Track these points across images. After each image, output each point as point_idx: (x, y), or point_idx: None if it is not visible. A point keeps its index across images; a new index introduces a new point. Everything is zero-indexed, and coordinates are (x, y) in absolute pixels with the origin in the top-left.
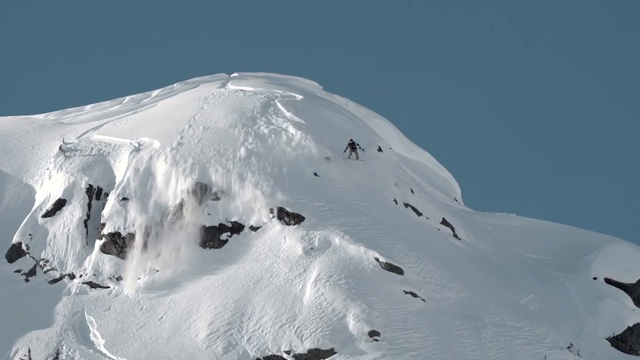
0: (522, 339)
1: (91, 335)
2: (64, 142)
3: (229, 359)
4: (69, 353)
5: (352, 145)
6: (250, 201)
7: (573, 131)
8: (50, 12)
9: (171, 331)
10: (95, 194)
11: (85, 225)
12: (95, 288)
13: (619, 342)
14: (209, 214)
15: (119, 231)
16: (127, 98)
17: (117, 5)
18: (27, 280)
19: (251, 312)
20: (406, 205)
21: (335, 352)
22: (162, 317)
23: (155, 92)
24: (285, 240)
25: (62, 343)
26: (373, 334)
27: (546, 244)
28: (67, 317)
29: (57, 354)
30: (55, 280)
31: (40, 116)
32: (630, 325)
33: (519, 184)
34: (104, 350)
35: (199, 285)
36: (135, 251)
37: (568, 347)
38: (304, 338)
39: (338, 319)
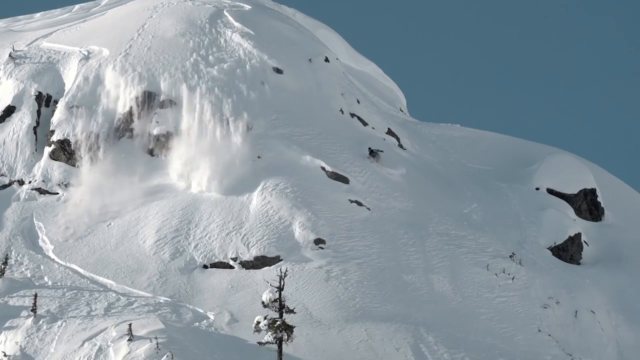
0: (465, 248)
1: (40, 240)
2: (13, 50)
3: (176, 265)
4: (18, 258)
5: (372, 152)
6: (198, 110)
7: (517, 42)
8: None
9: (119, 237)
10: (45, 101)
11: (35, 132)
12: (44, 194)
13: (560, 251)
14: (157, 122)
15: (68, 138)
16: (77, 6)
17: None
18: None
19: (198, 219)
20: (352, 115)
21: (281, 260)
22: (110, 224)
23: (105, 1)
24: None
25: (11, 248)
26: (318, 242)
27: (490, 155)
28: (16, 222)
29: (6, 259)
30: (4, 186)
31: None
32: (572, 234)
33: (464, 95)
34: (52, 256)
35: (147, 192)
36: (83, 158)
37: (510, 256)
38: (250, 245)
39: (284, 227)
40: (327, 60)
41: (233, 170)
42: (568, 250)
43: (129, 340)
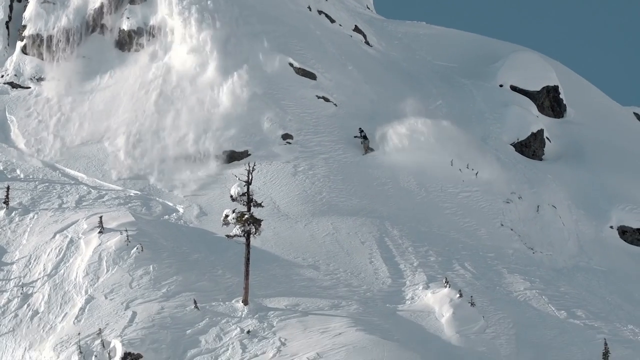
0: None
1: (12, 134)
2: None
3: (146, 159)
4: None
5: (363, 135)
6: (167, 6)
7: None
8: None
9: (90, 131)
10: None
11: (7, 27)
12: (17, 88)
13: (522, 147)
14: (128, 18)
15: (40, 33)
16: None
17: None
18: None
19: (169, 115)
20: (320, 12)
21: (249, 154)
22: (82, 119)
23: None
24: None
25: None
26: (286, 137)
27: (455, 52)
28: None
29: None
30: None
31: None
32: (534, 131)
33: None
34: (24, 149)
35: (118, 87)
36: (55, 53)
37: None
38: (219, 140)
39: (253, 122)
40: None
41: (201, 66)
42: (530, 146)
43: (99, 232)
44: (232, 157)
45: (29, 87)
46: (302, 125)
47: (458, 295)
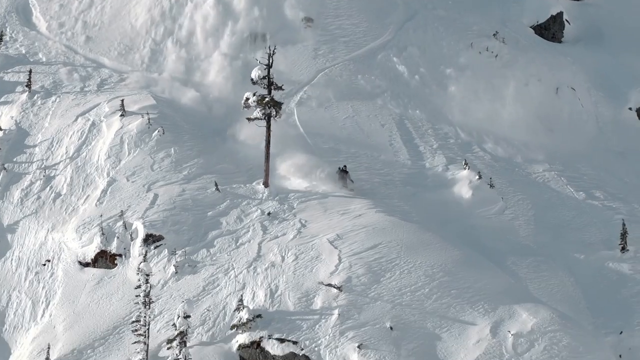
0: (451, 28)
1: (34, 17)
2: None
3: (166, 42)
4: (13, 35)
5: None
6: None
7: None
8: None
9: (112, 15)
10: None
11: None
12: None
13: (542, 29)
14: None
15: None
16: None
17: None
18: None
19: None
20: None
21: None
22: (104, 2)
23: None
24: None
25: (6, 25)
26: (307, 20)
27: None
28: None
29: (1, 35)
30: None
31: None
32: (554, 13)
33: None
34: (46, 33)
35: None
36: None
37: (494, 35)
38: (238, 22)
39: (275, 6)
40: None
41: None
42: (550, 29)
43: (121, 115)
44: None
45: None
46: (323, 8)
47: (477, 177)
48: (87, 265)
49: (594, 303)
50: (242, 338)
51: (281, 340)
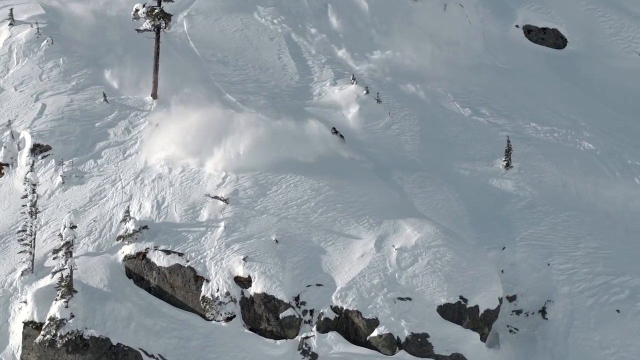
0: None
1: None
2: None
3: None
4: None
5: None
6: None
7: None
8: None
9: None
10: None
11: None
12: None
13: None
14: None
15: None
16: None
17: None
18: None
19: None
20: None
21: None
22: None
23: None
24: None
25: None
26: None
27: None
28: None
29: None
30: None
31: None
32: None
33: None
34: None
35: None
36: None
37: None
38: None
39: None
40: None
41: None
42: None
43: (10, 24)
44: None
45: None
46: None
47: (365, 91)
48: None
49: (477, 219)
50: (128, 249)
51: (167, 252)
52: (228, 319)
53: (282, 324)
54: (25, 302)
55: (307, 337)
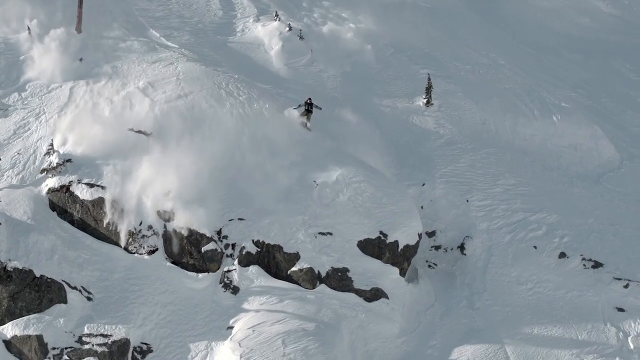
0: None
1: None
2: None
3: None
4: None
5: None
6: None
7: None
8: None
9: None
10: None
11: None
12: None
13: None
14: None
15: None
16: None
17: None
18: None
19: None
20: None
21: None
22: None
23: None
24: None
25: None
26: None
27: None
28: None
29: None
30: None
31: None
32: None
33: None
34: None
35: None
36: None
37: None
38: None
39: None
40: None
41: None
42: None
43: None
44: None
45: None
46: None
47: (287, 28)
48: None
49: (398, 155)
50: (52, 182)
51: (90, 185)
52: (151, 252)
53: (204, 258)
54: None
55: (228, 271)
